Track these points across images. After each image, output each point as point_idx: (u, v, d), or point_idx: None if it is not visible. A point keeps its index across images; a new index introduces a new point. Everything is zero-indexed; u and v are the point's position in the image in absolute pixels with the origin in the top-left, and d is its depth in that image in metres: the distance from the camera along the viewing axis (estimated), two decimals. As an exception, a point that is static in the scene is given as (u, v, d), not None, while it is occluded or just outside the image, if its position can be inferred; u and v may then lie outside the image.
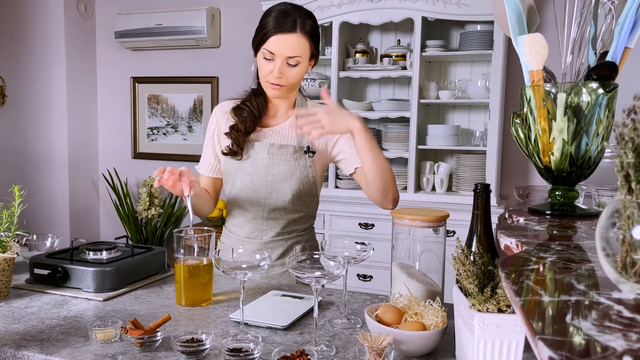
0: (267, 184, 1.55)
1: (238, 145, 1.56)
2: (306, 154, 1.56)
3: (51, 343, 1.09)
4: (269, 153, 1.55)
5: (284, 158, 1.55)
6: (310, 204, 1.62)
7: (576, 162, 0.99)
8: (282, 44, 1.46)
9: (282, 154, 1.55)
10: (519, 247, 0.82)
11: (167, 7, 3.85)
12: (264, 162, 1.55)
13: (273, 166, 1.55)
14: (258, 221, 1.59)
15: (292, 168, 1.54)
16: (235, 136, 1.57)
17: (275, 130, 1.60)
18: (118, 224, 4.14)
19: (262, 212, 1.57)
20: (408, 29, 3.30)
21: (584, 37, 1.04)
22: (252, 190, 1.57)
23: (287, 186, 1.55)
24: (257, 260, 1.18)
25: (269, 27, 1.47)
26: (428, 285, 1.24)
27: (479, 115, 3.28)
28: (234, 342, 1.04)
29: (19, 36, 4.00)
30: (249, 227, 1.60)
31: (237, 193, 1.59)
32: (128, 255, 1.51)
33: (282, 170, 1.55)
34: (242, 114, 1.58)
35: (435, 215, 1.23)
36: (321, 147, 1.59)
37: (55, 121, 3.99)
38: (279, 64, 1.47)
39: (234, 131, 1.57)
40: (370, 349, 0.93)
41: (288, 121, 1.60)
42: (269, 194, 1.56)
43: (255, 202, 1.57)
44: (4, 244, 1.35)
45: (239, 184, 1.58)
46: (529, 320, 0.51)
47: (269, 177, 1.55)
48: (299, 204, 1.58)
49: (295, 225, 1.61)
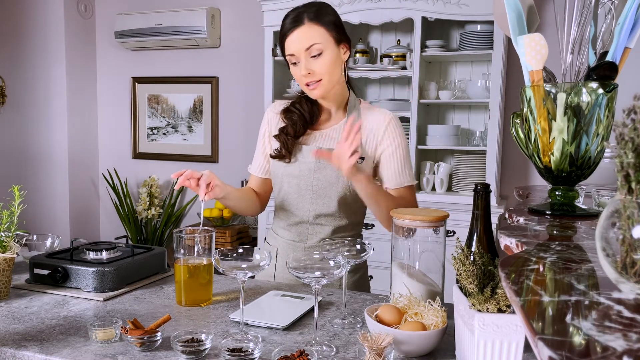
0: (314, 189, 1.53)
1: (287, 149, 1.53)
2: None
3: (51, 343, 1.09)
4: (316, 157, 1.51)
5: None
6: (357, 212, 1.58)
7: (576, 162, 0.99)
8: (296, 40, 1.45)
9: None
10: (519, 247, 0.82)
11: (167, 7, 3.85)
12: (310, 166, 1.52)
13: (319, 171, 1.51)
14: (304, 225, 1.56)
15: (339, 173, 1.48)
16: (284, 139, 1.54)
17: (324, 133, 1.56)
18: (118, 224, 4.14)
19: (308, 217, 1.55)
20: (408, 29, 3.30)
21: (584, 37, 1.04)
22: (299, 195, 1.54)
23: (333, 192, 1.52)
24: (257, 260, 1.18)
25: (283, 32, 1.47)
26: (428, 285, 1.24)
27: (479, 115, 3.28)
28: (234, 342, 1.04)
29: (19, 36, 4.00)
30: (294, 230, 1.58)
31: (284, 196, 1.57)
32: (128, 255, 1.51)
33: (329, 176, 1.51)
34: (292, 117, 1.56)
35: (435, 215, 1.23)
36: (370, 153, 1.54)
37: (55, 121, 3.99)
38: (302, 61, 1.45)
39: (284, 134, 1.55)
40: (370, 349, 0.93)
41: (339, 124, 1.56)
42: (315, 199, 1.53)
43: (301, 207, 1.55)
44: (4, 244, 1.35)
45: (285, 187, 1.56)
46: (529, 320, 0.51)
47: (315, 182, 1.52)
48: (345, 210, 1.55)
49: (342, 232, 1.56)
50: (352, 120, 1.43)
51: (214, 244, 1.37)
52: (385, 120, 1.53)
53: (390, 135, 1.52)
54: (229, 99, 3.88)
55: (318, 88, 1.47)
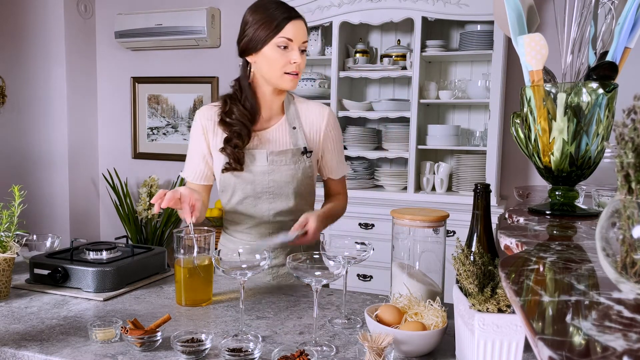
0: (270, 190, 1.54)
1: (237, 161, 1.51)
2: (304, 155, 1.56)
3: (51, 343, 1.09)
4: (268, 160, 1.52)
5: (284, 163, 1.54)
6: (308, 199, 1.63)
7: (576, 162, 0.99)
8: (299, 28, 1.46)
9: (281, 160, 1.53)
10: (519, 247, 0.82)
11: (167, 7, 3.85)
12: (264, 169, 1.53)
13: (274, 172, 1.53)
14: (265, 225, 1.57)
15: (293, 171, 1.54)
16: (231, 152, 1.51)
17: (269, 134, 1.57)
18: (118, 224, 4.14)
19: (268, 217, 1.56)
20: (408, 29, 3.30)
21: (584, 37, 1.04)
22: (255, 198, 1.55)
23: (289, 189, 1.55)
24: (257, 260, 1.18)
25: (278, 17, 1.44)
26: (428, 285, 1.24)
27: (479, 115, 3.28)
28: (234, 342, 1.04)
29: (19, 36, 4.00)
30: (255, 232, 1.59)
31: (238, 201, 1.56)
32: (128, 255, 1.51)
33: (284, 175, 1.54)
34: (233, 127, 1.51)
35: (435, 215, 1.23)
36: (315, 145, 1.60)
37: (55, 121, 3.99)
38: (296, 51, 1.46)
39: (230, 147, 1.51)
40: (370, 349, 0.93)
41: (281, 121, 1.58)
42: (273, 199, 1.55)
43: (259, 208, 1.56)
44: (4, 244, 1.35)
45: (239, 193, 1.55)
46: (529, 320, 0.51)
47: (270, 184, 1.54)
48: (302, 203, 1.59)
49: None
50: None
51: (214, 244, 1.37)
52: (323, 114, 1.61)
53: (330, 129, 1.61)
54: (229, 99, 3.87)
55: (296, 81, 1.50)
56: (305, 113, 1.60)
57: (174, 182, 4.04)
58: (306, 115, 1.60)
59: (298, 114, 1.60)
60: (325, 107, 1.62)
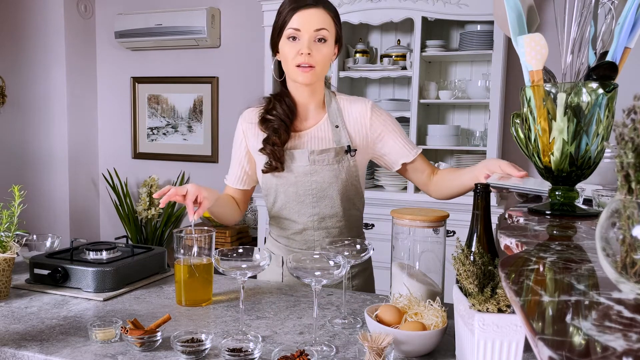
0: (313, 192, 1.49)
1: (277, 160, 1.47)
2: (347, 154, 1.49)
3: (51, 343, 1.09)
4: (309, 160, 1.47)
5: (327, 163, 1.48)
6: (357, 203, 1.57)
7: (576, 162, 0.99)
8: (308, 17, 1.40)
9: (323, 159, 1.48)
10: (519, 247, 0.82)
11: (167, 7, 3.85)
12: (305, 170, 1.48)
13: (316, 173, 1.48)
14: (309, 232, 1.53)
15: (337, 172, 1.48)
16: (271, 150, 1.48)
17: (311, 133, 1.52)
18: (118, 224, 4.14)
19: (313, 222, 1.52)
20: (408, 29, 3.30)
21: (584, 37, 1.04)
22: (298, 202, 1.50)
23: (333, 191, 1.49)
24: (257, 260, 1.19)
25: (287, 8, 1.42)
26: (428, 285, 1.24)
27: (479, 115, 3.28)
28: (234, 342, 1.04)
29: (19, 36, 3.99)
30: (299, 238, 1.54)
31: (282, 206, 1.53)
32: (128, 255, 1.51)
33: (327, 176, 1.48)
34: (273, 125, 1.49)
35: (435, 215, 1.23)
36: (362, 144, 1.52)
37: (55, 121, 3.99)
38: (306, 39, 1.40)
39: (270, 145, 1.48)
40: (370, 349, 0.93)
41: (323, 120, 1.53)
42: (317, 202, 1.50)
43: (303, 212, 1.51)
44: (4, 244, 1.35)
45: (282, 196, 1.51)
46: (529, 320, 0.51)
47: (313, 185, 1.49)
48: (348, 207, 1.53)
49: (346, 234, 1.54)
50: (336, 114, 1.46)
51: (214, 244, 1.37)
52: (367, 107, 1.52)
53: (377, 118, 1.53)
54: (229, 99, 3.88)
55: (310, 73, 1.42)
56: (348, 110, 1.53)
57: (173, 182, 4.04)
58: (349, 112, 1.53)
59: (341, 112, 1.53)
60: (367, 100, 1.54)
